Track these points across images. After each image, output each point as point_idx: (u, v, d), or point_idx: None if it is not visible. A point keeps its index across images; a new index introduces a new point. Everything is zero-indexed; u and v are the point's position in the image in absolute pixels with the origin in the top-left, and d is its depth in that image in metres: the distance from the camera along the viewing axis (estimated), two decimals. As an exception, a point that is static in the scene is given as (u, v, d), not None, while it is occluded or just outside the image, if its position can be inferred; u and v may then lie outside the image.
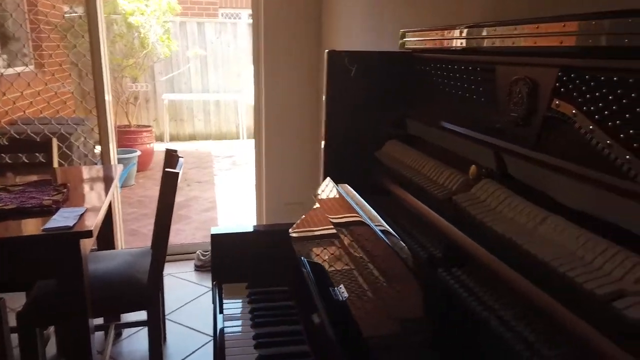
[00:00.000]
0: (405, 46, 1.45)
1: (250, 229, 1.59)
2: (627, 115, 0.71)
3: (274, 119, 3.30)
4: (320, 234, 1.29)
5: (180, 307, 2.98)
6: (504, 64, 1.02)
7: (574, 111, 0.82)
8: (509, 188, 0.87)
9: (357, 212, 1.13)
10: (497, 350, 0.71)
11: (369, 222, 1.08)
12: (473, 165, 0.96)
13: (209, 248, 1.65)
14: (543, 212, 0.76)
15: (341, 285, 1.02)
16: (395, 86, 1.45)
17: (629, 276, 0.59)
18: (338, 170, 1.43)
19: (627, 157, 0.71)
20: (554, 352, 0.65)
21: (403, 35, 1.46)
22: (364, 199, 1.26)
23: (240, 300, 1.42)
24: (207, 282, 3.27)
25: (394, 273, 0.95)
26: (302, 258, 1.21)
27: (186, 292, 3.16)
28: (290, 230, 1.43)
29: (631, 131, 0.70)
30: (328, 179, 1.40)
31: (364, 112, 1.45)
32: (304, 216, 1.44)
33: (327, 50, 1.42)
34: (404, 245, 0.96)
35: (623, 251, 0.62)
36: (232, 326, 1.27)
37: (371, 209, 1.16)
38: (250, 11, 3.48)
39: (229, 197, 5.32)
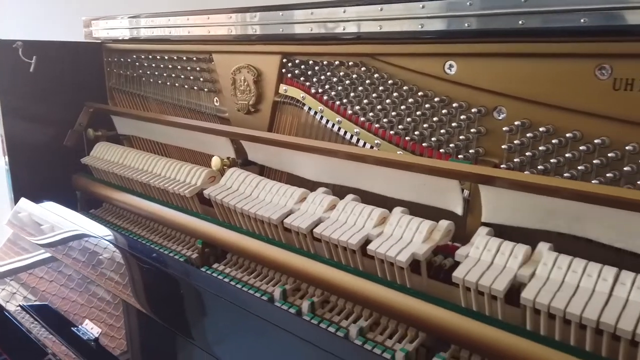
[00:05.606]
0: (94, 36, 1.28)
1: None
2: (352, 94, 0.82)
3: None
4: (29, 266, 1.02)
5: None
6: (219, 53, 1.03)
7: (302, 95, 0.89)
8: (256, 173, 0.89)
9: (83, 232, 0.95)
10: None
11: (107, 240, 0.92)
12: (215, 157, 0.93)
13: None
14: (298, 190, 0.81)
15: (86, 321, 0.85)
16: (91, 80, 1.27)
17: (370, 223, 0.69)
18: (34, 187, 1.16)
19: (356, 130, 0.82)
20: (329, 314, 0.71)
21: (88, 24, 1.28)
22: (85, 215, 1.07)
23: None
24: None
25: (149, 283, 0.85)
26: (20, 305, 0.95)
27: None
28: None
29: (357, 107, 0.82)
30: (23, 199, 1.12)
31: (53, 113, 1.21)
32: (-5, 253, 1.11)
33: (-11, 39, 1.11)
34: (155, 254, 0.87)
35: (374, 209, 0.72)
36: None
37: (98, 224, 0.99)
38: None
39: None
